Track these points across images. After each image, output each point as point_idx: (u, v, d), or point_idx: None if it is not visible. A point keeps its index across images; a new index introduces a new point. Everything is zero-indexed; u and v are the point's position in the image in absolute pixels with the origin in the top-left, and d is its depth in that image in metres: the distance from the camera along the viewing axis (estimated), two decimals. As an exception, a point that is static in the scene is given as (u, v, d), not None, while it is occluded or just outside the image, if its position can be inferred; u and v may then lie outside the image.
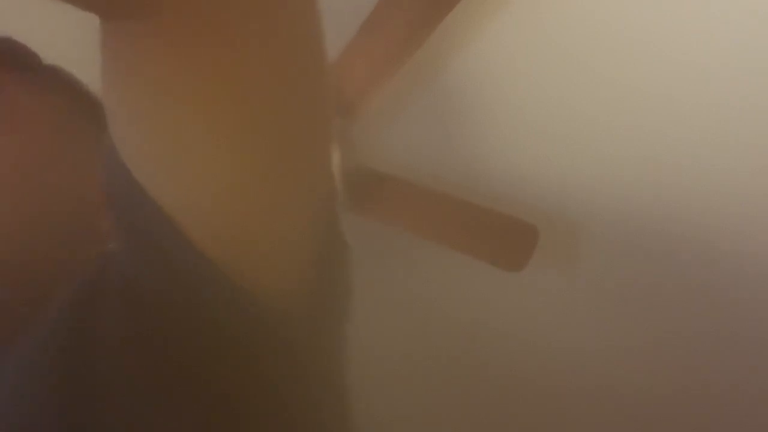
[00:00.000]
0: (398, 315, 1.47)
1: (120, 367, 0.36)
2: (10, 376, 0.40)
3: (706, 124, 1.16)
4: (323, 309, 0.42)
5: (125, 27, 0.33)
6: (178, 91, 0.33)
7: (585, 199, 1.29)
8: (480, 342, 1.48)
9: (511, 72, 1.22)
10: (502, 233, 1.22)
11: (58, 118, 0.53)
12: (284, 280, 0.39)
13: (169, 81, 0.33)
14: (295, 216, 0.39)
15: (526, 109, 1.24)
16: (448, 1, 1.06)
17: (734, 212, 1.21)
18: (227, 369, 0.37)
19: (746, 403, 1.37)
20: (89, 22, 0.33)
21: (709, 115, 1.15)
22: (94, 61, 0.36)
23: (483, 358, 1.50)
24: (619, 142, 1.22)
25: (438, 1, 1.07)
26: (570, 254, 1.35)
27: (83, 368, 0.37)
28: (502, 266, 1.21)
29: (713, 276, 1.28)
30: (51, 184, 0.51)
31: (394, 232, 1.28)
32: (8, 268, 0.47)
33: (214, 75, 0.33)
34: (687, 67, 1.12)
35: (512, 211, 1.23)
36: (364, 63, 1.09)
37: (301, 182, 0.39)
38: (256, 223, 0.37)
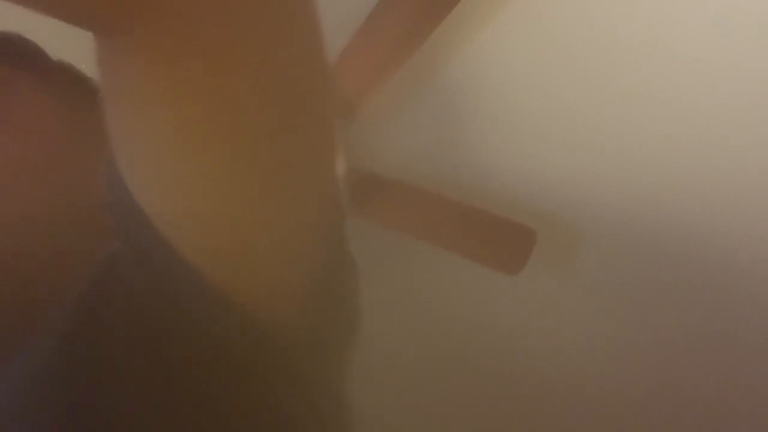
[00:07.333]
0: (397, 317, 1.47)
1: (125, 368, 0.36)
2: (16, 377, 0.40)
3: (705, 124, 1.16)
4: (327, 329, 0.41)
5: (112, 41, 0.32)
6: (168, 107, 0.32)
7: (584, 199, 1.29)
8: (478, 343, 1.48)
9: (511, 72, 1.22)
10: (499, 236, 1.22)
11: (67, 117, 0.52)
12: (285, 300, 0.38)
13: (157, 96, 0.32)
14: (298, 232, 0.38)
15: (525, 109, 1.24)
16: (447, 2, 1.06)
17: (734, 212, 1.21)
18: (227, 388, 0.37)
19: (746, 402, 1.37)
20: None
21: (708, 115, 1.15)
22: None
23: (481, 360, 1.50)
24: (618, 143, 1.22)
25: (438, 2, 1.07)
26: (568, 255, 1.35)
27: (90, 369, 0.37)
28: (499, 269, 1.21)
29: (712, 276, 1.28)
30: (58, 183, 0.50)
31: (391, 235, 1.28)
32: (13, 269, 0.47)
33: (203, 88, 0.32)
34: (686, 66, 1.12)
35: (511, 211, 1.23)
36: (364, 63, 1.09)
37: (304, 196, 0.37)
38: (253, 240, 0.36)
